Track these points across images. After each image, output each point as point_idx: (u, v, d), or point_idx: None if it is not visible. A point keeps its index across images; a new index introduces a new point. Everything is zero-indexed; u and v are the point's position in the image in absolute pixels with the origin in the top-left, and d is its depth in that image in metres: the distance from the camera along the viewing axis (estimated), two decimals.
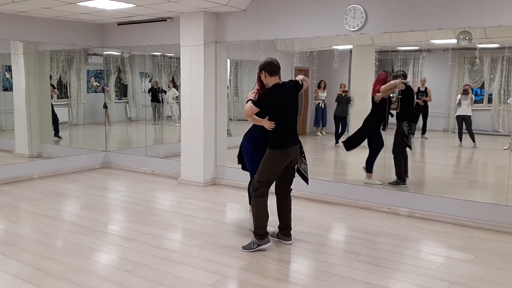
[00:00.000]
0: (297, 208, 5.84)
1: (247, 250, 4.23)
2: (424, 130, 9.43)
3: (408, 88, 6.50)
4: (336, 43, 6.78)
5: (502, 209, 5.09)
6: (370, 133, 6.58)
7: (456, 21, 5.24)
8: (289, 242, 4.50)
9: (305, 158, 4.57)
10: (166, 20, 7.48)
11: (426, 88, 9.29)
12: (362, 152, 7.20)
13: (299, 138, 4.46)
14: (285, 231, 4.52)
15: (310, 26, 6.13)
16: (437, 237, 4.87)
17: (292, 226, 4.57)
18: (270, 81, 4.28)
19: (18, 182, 7.19)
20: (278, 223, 4.56)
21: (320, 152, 10.31)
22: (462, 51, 9.04)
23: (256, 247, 4.21)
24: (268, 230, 4.40)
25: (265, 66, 4.29)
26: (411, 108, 6.58)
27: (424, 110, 9.26)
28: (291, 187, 4.57)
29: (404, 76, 6.55)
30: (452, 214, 5.29)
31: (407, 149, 6.57)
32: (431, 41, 7.00)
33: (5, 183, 7.03)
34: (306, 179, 4.65)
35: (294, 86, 4.43)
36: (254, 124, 4.55)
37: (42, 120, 8.75)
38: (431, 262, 4.15)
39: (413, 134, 6.61)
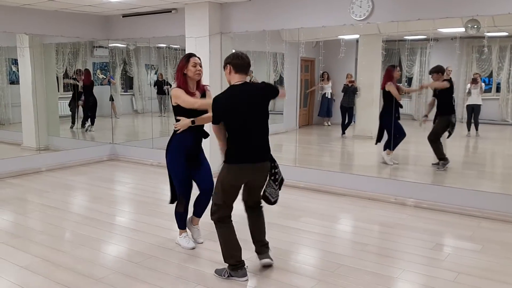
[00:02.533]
0: (303, 199, 5.85)
1: (216, 275, 3.60)
2: None
3: (450, 79, 6.86)
4: (343, 33, 6.74)
5: (510, 199, 5.06)
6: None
7: (464, 9, 5.17)
8: (266, 261, 3.69)
9: (274, 182, 3.61)
10: (171, 12, 7.45)
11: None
12: (368, 143, 7.19)
13: (270, 153, 3.57)
14: (259, 247, 3.75)
15: (316, 15, 6.08)
16: (444, 227, 4.85)
17: (268, 243, 3.79)
18: (233, 79, 3.45)
19: (26, 174, 7.24)
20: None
21: (327, 143, 10.29)
22: (470, 39, 8.93)
23: (227, 277, 3.53)
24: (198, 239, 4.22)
25: (232, 59, 3.44)
26: (452, 99, 6.94)
27: None
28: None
29: (441, 71, 6.88)
30: (460, 204, 5.27)
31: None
32: (439, 30, 6.93)
33: (13, 176, 7.08)
34: (269, 202, 3.69)
35: (263, 89, 3.52)
36: (183, 130, 3.92)
37: (49, 113, 8.79)
38: (438, 252, 4.14)
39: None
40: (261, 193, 3.67)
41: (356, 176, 6.27)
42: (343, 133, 9.81)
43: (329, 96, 10.63)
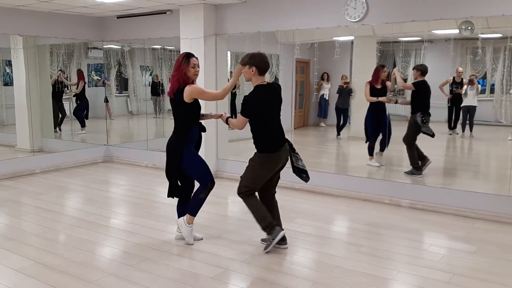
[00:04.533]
0: (298, 201, 5.86)
1: (267, 250, 4.02)
2: (459, 125, 9.06)
3: (423, 82, 6.63)
4: (337, 34, 6.74)
5: (504, 200, 5.08)
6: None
7: (458, 11, 5.20)
8: (285, 246, 4.16)
9: (298, 154, 4.23)
10: (165, 13, 7.44)
11: (462, 79, 9.04)
12: (363, 144, 7.21)
13: (287, 138, 4.13)
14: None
15: (311, 17, 6.09)
16: (439, 229, 4.86)
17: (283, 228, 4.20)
18: (256, 79, 3.89)
19: (20, 176, 7.19)
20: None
21: (322, 144, 10.30)
22: (464, 41, 8.96)
23: (272, 242, 3.98)
24: (196, 237, 4.30)
25: (259, 62, 3.83)
26: (425, 100, 6.71)
27: (458, 103, 9.02)
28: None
29: (421, 70, 6.68)
30: (454, 205, 5.28)
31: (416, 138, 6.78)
32: (433, 31, 6.96)
33: (7, 178, 7.04)
34: (306, 176, 4.27)
35: (278, 89, 4.07)
36: (191, 126, 4.09)
37: (43, 115, 8.74)
38: (433, 253, 4.14)
39: (427, 123, 6.73)
40: (293, 171, 4.23)
41: (351, 178, 6.28)
42: (338, 134, 9.82)
43: (327, 98, 10.66)
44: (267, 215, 4.02)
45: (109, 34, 8.43)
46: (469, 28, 5.68)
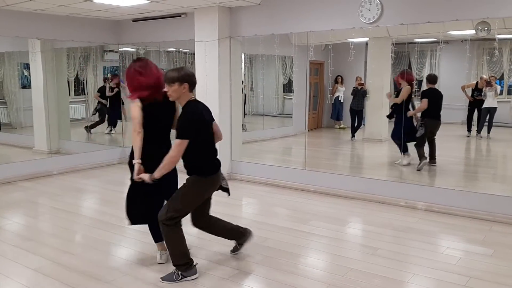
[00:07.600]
0: (312, 202, 5.84)
1: (168, 282, 3.55)
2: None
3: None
4: (352, 36, 6.73)
5: None
6: None
7: (474, 11, 5.14)
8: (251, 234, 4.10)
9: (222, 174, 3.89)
10: (180, 16, 7.50)
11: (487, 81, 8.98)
12: (377, 146, 7.17)
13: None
14: (240, 237, 4.03)
15: (325, 19, 6.08)
16: (455, 231, 4.81)
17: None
18: (186, 96, 3.48)
19: (37, 178, 7.31)
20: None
21: (336, 146, 10.27)
22: (481, 42, 8.86)
23: (180, 279, 3.56)
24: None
25: (191, 77, 3.46)
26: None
27: (478, 107, 8.99)
28: None
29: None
30: (471, 207, 5.22)
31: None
32: (449, 32, 6.89)
33: (25, 179, 7.15)
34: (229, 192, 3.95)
35: (207, 108, 3.65)
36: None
37: (60, 117, 8.86)
38: (449, 256, 4.10)
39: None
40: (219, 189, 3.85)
41: (366, 180, 6.25)
42: (353, 136, 9.78)
43: (342, 100, 10.65)
44: (188, 252, 3.65)
45: (125, 37, 8.52)
46: (486, 28, 5.61)
